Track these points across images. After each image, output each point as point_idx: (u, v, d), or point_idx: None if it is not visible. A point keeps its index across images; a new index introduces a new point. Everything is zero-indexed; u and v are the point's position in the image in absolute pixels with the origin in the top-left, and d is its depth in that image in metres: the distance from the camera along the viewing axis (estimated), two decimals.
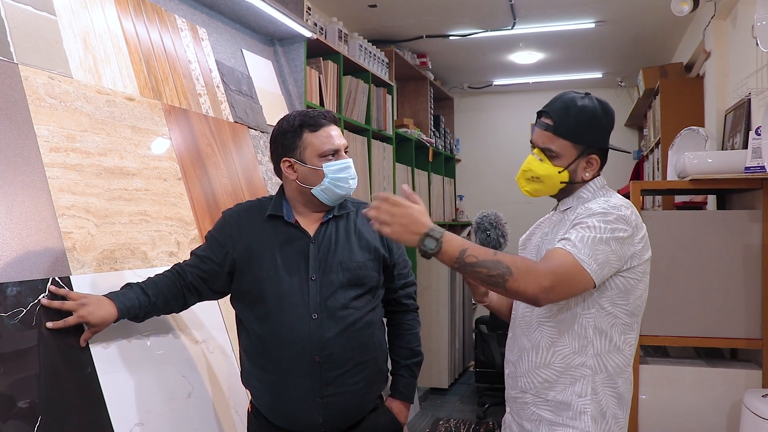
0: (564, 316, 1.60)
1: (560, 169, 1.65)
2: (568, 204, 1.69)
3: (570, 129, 1.63)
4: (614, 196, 1.65)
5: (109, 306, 1.74)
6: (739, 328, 2.85)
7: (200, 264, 1.90)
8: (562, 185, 1.67)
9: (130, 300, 1.78)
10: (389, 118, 4.68)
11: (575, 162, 1.65)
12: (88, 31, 2.17)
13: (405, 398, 2.06)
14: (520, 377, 1.68)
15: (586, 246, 1.48)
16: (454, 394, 5.52)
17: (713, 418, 2.86)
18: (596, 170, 1.68)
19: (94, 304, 1.73)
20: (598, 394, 1.59)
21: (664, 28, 4.98)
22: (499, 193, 6.88)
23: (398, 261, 2.02)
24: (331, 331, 1.82)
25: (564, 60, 5.97)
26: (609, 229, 1.51)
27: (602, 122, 1.65)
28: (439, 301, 5.47)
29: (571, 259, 1.47)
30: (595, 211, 1.56)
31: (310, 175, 1.87)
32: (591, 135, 1.65)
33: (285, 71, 3.47)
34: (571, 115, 1.63)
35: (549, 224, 1.73)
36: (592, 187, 1.68)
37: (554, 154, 1.65)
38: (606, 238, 1.50)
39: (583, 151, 1.65)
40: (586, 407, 1.58)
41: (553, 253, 1.50)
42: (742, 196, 3.28)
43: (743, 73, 3.36)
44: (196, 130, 2.56)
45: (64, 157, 1.90)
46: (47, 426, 1.62)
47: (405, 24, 4.90)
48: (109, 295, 1.77)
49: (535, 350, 1.64)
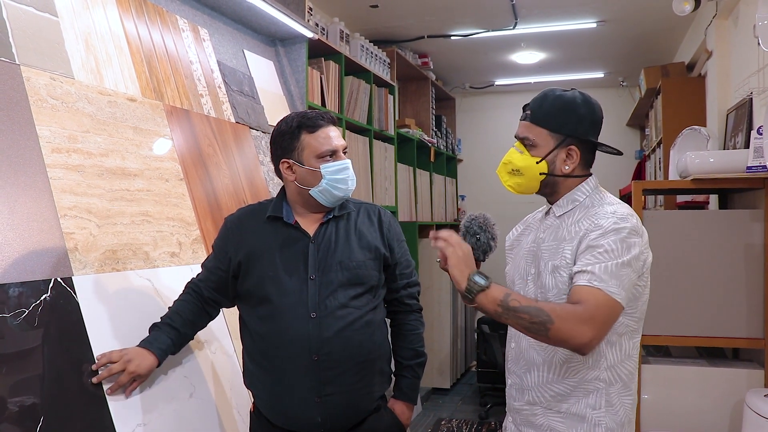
0: None
1: (538, 159, 1.62)
2: (564, 208, 1.65)
3: (546, 116, 1.61)
4: (615, 202, 1.61)
5: (148, 355, 1.83)
6: (740, 327, 2.85)
7: (211, 276, 1.95)
8: (541, 177, 1.63)
9: (164, 343, 1.86)
10: (391, 119, 4.68)
11: (553, 152, 1.62)
12: (90, 32, 2.17)
13: (408, 399, 2.04)
14: (528, 390, 1.65)
15: (613, 276, 1.46)
16: (456, 394, 5.52)
17: (715, 417, 2.86)
18: (577, 163, 1.62)
19: (137, 357, 1.81)
20: (614, 405, 1.57)
21: (666, 28, 4.97)
22: (501, 193, 6.80)
23: (400, 260, 2.02)
24: (329, 330, 1.81)
25: (566, 60, 5.97)
26: (626, 249, 1.49)
27: (581, 111, 1.61)
28: (441, 301, 5.47)
29: (603, 296, 1.45)
30: (607, 229, 1.51)
31: (308, 176, 1.87)
32: (568, 124, 1.61)
33: (286, 71, 3.47)
34: (548, 103, 1.62)
35: (544, 229, 1.69)
36: (585, 189, 1.65)
37: (531, 142, 1.63)
38: (627, 261, 1.48)
39: (562, 141, 1.61)
40: (600, 419, 1.56)
41: (583, 294, 1.46)
42: (743, 196, 3.28)
43: (745, 73, 3.36)
44: (197, 131, 2.56)
45: (65, 158, 1.91)
46: (49, 426, 1.62)
47: (406, 24, 4.91)
48: (143, 345, 1.84)
49: (548, 366, 1.60)
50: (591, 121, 1.63)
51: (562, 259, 1.57)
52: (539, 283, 1.62)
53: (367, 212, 2.00)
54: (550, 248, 1.62)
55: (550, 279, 1.59)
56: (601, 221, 1.53)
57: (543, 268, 1.61)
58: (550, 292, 1.58)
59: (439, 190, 6.14)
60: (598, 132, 1.66)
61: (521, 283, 1.70)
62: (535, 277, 1.64)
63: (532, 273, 1.66)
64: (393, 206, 4.68)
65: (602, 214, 1.55)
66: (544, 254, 1.63)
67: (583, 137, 1.62)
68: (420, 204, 5.46)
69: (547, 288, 1.59)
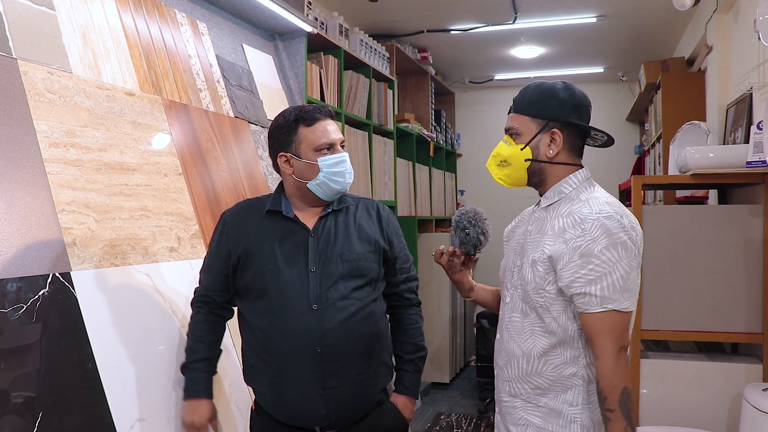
0: (557, 327, 1.57)
1: (522, 146, 1.63)
2: (550, 199, 1.64)
3: (526, 103, 1.64)
4: (603, 198, 1.58)
5: (206, 403, 1.92)
6: (739, 322, 2.85)
7: (218, 278, 1.95)
8: (527, 163, 1.63)
9: (207, 381, 1.94)
10: (390, 113, 4.67)
11: (537, 137, 1.62)
12: (88, 26, 2.16)
13: (410, 393, 2.04)
14: (508, 382, 1.67)
15: (623, 291, 1.49)
16: (456, 388, 5.53)
17: (714, 412, 2.86)
18: (561, 147, 1.62)
19: (205, 409, 1.91)
20: (591, 404, 1.57)
21: (666, 23, 4.96)
22: (500, 189, 6.78)
23: (399, 255, 2.02)
24: (331, 322, 1.81)
25: (565, 54, 5.96)
26: (625, 253, 1.49)
27: (560, 96, 1.62)
28: (441, 295, 5.47)
29: (616, 316, 1.49)
30: (594, 234, 1.49)
31: (306, 169, 1.87)
32: (549, 108, 1.61)
33: (285, 66, 3.46)
34: (529, 92, 1.65)
35: (532, 221, 1.70)
36: (573, 181, 1.63)
37: (516, 131, 1.64)
38: (629, 266, 1.50)
39: (544, 125, 1.62)
40: (576, 416, 1.56)
41: (596, 326, 1.50)
42: (743, 191, 3.27)
43: (745, 68, 3.35)
44: (196, 125, 2.55)
45: (63, 153, 1.90)
46: (48, 421, 1.62)
47: (406, 18, 4.89)
48: (195, 395, 1.91)
49: (526, 358, 1.61)
50: (573, 105, 1.62)
51: (541, 252, 1.57)
52: (521, 275, 1.64)
53: (365, 207, 2.00)
54: (533, 241, 1.63)
55: (530, 272, 1.59)
56: (586, 224, 1.51)
57: (525, 261, 1.62)
58: (529, 285, 1.59)
59: (438, 185, 6.13)
60: (584, 118, 1.65)
61: (509, 275, 1.71)
62: (519, 269, 1.65)
63: (517, 265, 1.67)
64: (392, 201, 4.68)
65: (587, 213, 1.53)
66: (528, 246, 1.64)
67: (564, 119, 1.62)
68: (419, 199, 5.45)
69: (526, 281, 1.60)
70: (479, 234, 1.78)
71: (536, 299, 1.58)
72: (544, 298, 1.57)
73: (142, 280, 2.04)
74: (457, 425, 4.56)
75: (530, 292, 1.59)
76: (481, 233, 1.78)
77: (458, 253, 1.81)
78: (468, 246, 1.79)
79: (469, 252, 1.80)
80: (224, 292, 1.96)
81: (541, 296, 1.57)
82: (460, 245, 1.80)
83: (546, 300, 1.57)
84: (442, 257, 1.81)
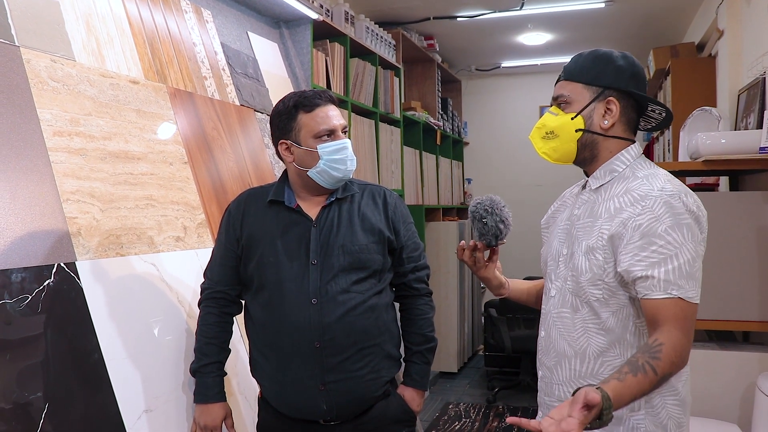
0: (615, 324, 1.42)
1: (573, 115, 1.48)
2: (601, 180, 1.48)
3: (581, 70, 1.49)
4: (663, 176, 1.42)
5: (219, 405, 1.91)
6: (752, 310, 2.81)
7: (229, 271, 1.92)
8: (578, 134, 1.47)
9: (220, 385, 1.92)
10: (397, 101, 4.64)
11: (590, 105, 1.47)
12: (91, 13, 2.14)
13: (418, 385, 1.98)
14: (558, 385, 1.51)
15: (689, 278, 1.32)
16: (464, 377, 5.52)
17: (726, 401, 2.83)
18: (617, 118, 1.46)
19: (219, 412, 1.90)
20: (655, 407, 1.41)
21: (676, 7, 4.90)
22: (508, 177, 6.83)
23: (407, 243, 1.97)
24: (331, 316, 1.78)
25: (573, 41, 5.89)
26: (690, 237, 1.33)
27: (618, 63, 1.47)
28: (449, 284, 5.45)
29: (683, 305, 1.31)
30: (658, 212, 1.34)
31: (306, 157, 1.83)
32: (605, 74, 1.46)
33: (291, 54, 3.43)
34: (582, 58, 1.50)
35: (579, 205, 1.53)
36: (626, 157, 1.47)
37: (566, 99, 1.49)
38: (696, 253, 1.34)
39: (600, 93, 1.46)
40: (639, 423, 1.41)
41: (662, 312, 1.31)
42: (755, 177, 3.23)
43: (757, 52, 3.30)
44: (201, 114, 2.53)
45: (68, 141, 1.88)
46: (54, 413, 1.61)
47: (412, 5, 4.84)
48: (207, 400, 1.89)
49: (580, 359, 1.46)
50: (632, 73, 1.47)
51: (598, 237, 1.41)
52: (571, 264, 1.48)
53: (372, 194, 1.96)
54: (584, 226, 1.47)
55: (584, 261, 1.43)
56: (647, 201, 1.36)
57: (576, 249, 1.46)
58: (583, 276, 1.44)
59: (445, 173, 6.10)
60: (641, 89, 1.49)
61: (553, 264, 1.56)
62: (567, 259, 1.50)
63: (564, 254, 1.51)
64: (399, 189, 4.65)
65: (647, 189, 1.38)
66: (578, 233, 1.47)
67: (623, 88, 1.46)
68: (426, 187, 5.42)
69: (579, 271, 1.44)
70: (498, 222, 1.64)
71: (592, 292, 1.43)
72: (602, 291, 1.41)
73: (147, 270, 2.02)
74: (466, 414, 4.55)
75: (584, 284, 1.43)
76: (500, 221, 1.64)
77: (479, 246, 1.68)
78: (488, 237, 1.65)
79: (490, 243, 1.66)
80: (237, 285, 1.93)
81: (598, 288, 1.42)
82: (479, 237, 1.67)
83: (604, 292, 1.41)
84: (464, 253, 1.69)
